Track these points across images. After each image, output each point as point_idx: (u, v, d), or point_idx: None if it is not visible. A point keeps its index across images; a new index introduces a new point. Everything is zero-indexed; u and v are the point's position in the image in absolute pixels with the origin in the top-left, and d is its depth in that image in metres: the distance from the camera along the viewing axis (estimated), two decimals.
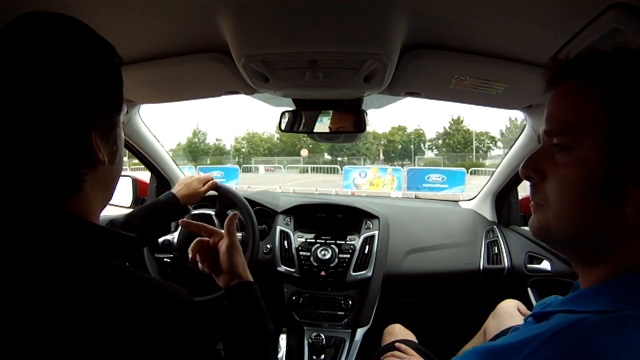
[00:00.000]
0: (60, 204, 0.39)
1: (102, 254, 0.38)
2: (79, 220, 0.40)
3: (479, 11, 0.66)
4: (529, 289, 1.29)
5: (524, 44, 0.77)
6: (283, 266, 1.33)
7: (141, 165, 1.52)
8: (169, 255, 1.24)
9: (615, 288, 0.38)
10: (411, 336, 1.10)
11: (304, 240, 1.36)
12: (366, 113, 1.07)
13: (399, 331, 1.12)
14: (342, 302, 1.29)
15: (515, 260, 1.37)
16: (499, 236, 1.45)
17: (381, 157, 35.72)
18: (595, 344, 0.33)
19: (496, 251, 1.41)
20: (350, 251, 1.32)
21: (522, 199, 1.53)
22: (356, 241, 1.35)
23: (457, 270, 1.39)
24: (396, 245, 1.41)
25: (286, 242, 1.35)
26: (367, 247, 1.33)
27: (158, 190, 1.54)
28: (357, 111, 1.07)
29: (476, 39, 0.77)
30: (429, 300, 1.47)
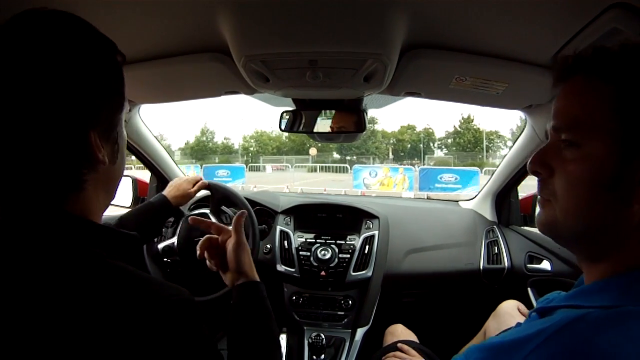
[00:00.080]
0: (61, 203, 0.39)
1: (103, 254, 0.38)
2: (79, 220, 0.39)
3: (479, 11, 0.66)
4: (529, 289, 1.29)
5: (524, 44, 0.77)
6: (283, 266, 1.33)
7: None
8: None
9: (619, 284, 0.38)
10: (413, 336, 1.10)
11: (304, 240, 1.36)
12: (366, 113, 1.07)
13: (400, 331, 1.11)
14: (342, 302, 1.29)
15: (515, 260, 1.36)
16: (499, 236, 1.45)
17: (390, 156, 35.46)
18: (597, 339, 0.33)
19: (496, 251, 1.41)
20: (350, 251, 1.32)
21: (522, 199, 1.53)
22: (356, 241, 1.34)
23: (457, 270, 1.39)
24: (396, 245, 1.40)
25: (286, 242, 1.35)
26: (367, 247, 1.33)
27: (158, 190, 1.54)
28: (357, 111, 1.07)
29: (476, 39, 0.77)
30: (428, 300, 1.46)
